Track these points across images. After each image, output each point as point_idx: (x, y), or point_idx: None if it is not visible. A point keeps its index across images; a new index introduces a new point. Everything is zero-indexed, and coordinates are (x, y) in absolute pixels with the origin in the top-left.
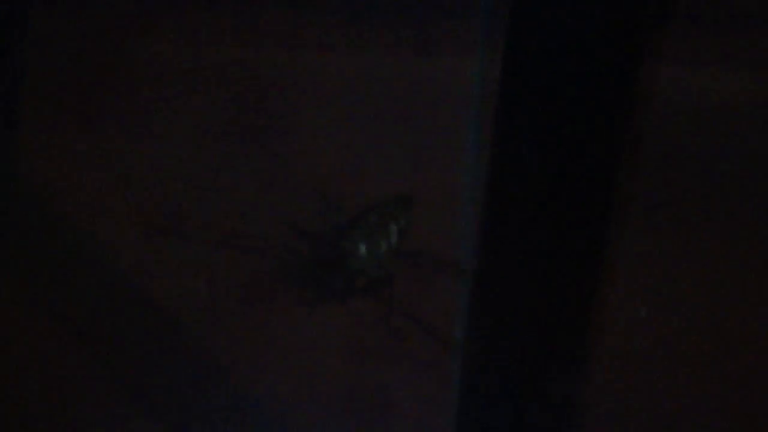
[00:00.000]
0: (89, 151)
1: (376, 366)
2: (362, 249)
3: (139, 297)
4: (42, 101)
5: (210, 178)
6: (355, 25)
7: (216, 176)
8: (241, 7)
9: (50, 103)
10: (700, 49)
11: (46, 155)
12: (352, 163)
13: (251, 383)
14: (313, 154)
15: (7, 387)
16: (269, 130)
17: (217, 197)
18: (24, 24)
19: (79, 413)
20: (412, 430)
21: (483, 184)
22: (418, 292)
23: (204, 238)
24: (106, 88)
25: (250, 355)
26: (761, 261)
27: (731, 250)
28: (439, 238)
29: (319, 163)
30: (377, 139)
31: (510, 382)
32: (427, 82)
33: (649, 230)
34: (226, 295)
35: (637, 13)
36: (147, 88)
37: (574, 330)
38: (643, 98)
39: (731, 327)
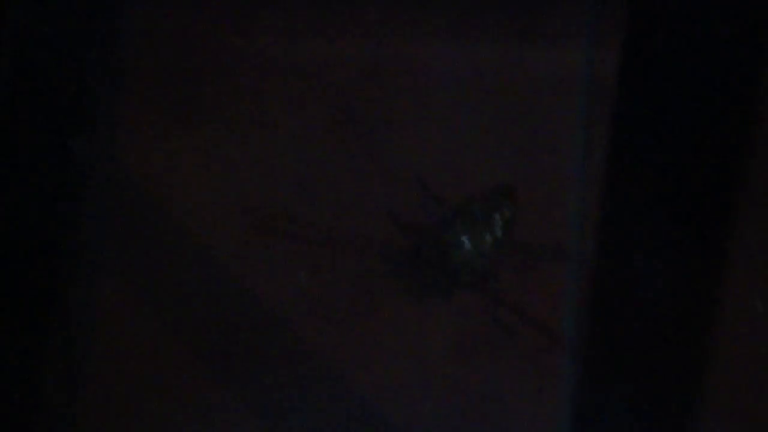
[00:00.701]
0: (190, 148)
1: (483, 360)
2: (466, 242)
3: (242, 294)
4: (142, 98)
5: (311, 173)
6: (459, 13)
7: (317, 171)
8: None
9: (151, 99)
10: None
11: (147, 152)
12: (454, 154)
13: (355, 380)
14: (415, 146)
15: (111, 376)
16: (371, 122)
17: (318, 193)
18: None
19: (180, 405)
20: (523, 425)
21: (594, 173)
22: (525, 285)
23: (307, 235)
24: (206, 84)
25: (354, 351)
26: None
27: None
28: (545, 230)
29: (421, 154)
30: (480, 130)
31: (624, 376)
32: (532, 70)
33: (764, 219)
34: (330, 291)
35: None
36: (247, 83)
37: (693, 323)
38: None
39: None
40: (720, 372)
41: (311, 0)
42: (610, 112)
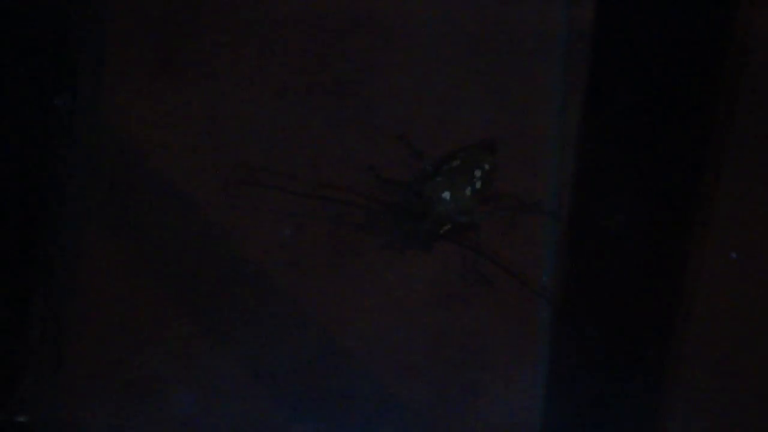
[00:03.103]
0: (171, 103)
1: (463, 312)
2: (446, 195)
3: (225, 248)
4: (124, 53)
5: (292, 126)
6: None
7: (298, 125)
8: None
9: (133, 54)
10: None
11: (130, 107)
12: (435, 109)
13: (338, 332)
14: (395, 101)
15: (96, 327)
16: (351, 76)
17: (299, 146)
18: None
19: (162, 357)
20: (501, 376)
21: (572, 128)
22: (504, 237)
23: (289, 188)
24: (187, 38)
25: (337, 303)
26: None
27: None
28: (524, 184)
29: (401, 109)
30: (460, 85)
31: (601, 326)
32: (511, 26)
33: (741, 172)
34: (312, 245)
35: None
36: (228, 36)
37: (668, 273)
38: (741, 41)
39: None
40: (695, 320)
41: None
42: (588, 68)
